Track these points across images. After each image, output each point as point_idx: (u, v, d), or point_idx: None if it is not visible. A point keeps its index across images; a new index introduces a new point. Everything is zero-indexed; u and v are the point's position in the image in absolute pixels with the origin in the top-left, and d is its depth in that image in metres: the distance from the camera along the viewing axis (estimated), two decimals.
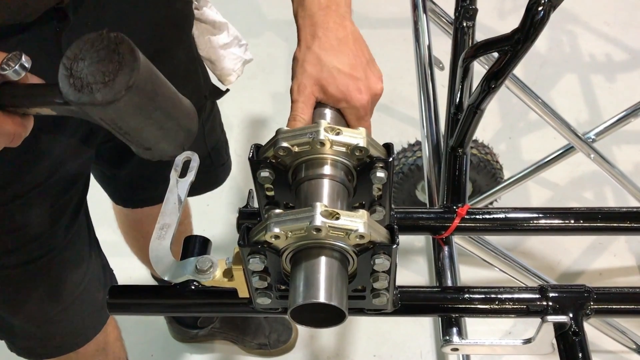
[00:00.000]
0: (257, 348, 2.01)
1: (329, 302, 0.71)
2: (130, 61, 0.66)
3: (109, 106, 0.66)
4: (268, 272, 0.78)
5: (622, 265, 2.21)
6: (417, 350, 2.04)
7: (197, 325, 2.01)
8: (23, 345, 1.34)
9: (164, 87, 0.72)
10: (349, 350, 2.04)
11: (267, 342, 2.00)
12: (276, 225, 0.72)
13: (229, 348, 2.05)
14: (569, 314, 0.86)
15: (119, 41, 0.67)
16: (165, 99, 0.72)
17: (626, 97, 2.52)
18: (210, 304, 0.90)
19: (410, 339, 2.06)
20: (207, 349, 2.06)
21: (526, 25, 0.87)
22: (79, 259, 1.22)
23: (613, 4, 3.08)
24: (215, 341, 2.06)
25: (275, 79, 2.77)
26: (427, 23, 1.52)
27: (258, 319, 2.01)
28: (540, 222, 1.00)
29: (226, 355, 2.05)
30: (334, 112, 0.90)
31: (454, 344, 0.91)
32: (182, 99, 0.76)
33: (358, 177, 0.82)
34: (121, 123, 0.70)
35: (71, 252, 1.19)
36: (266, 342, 2.00)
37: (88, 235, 1.25)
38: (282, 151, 0.79)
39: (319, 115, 0.90)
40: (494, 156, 2.03)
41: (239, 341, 2.03)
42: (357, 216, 0.73)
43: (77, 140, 1.09)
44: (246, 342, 2.02)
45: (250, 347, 2.02)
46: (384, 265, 0.75)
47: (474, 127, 1.04)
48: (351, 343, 2.05)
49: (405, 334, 2.07)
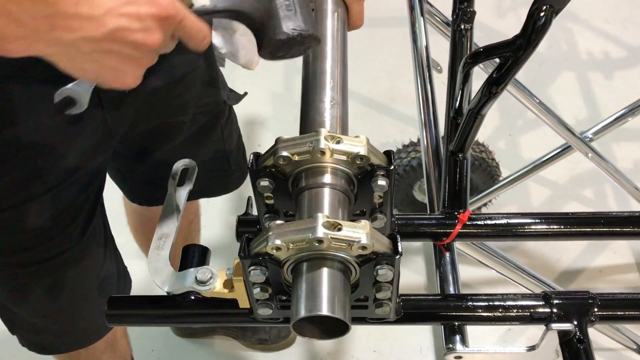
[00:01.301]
0: (258, 343, 2.01)
1: (332, 314, 0.70)
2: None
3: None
4: (269, 283, 0.77)
5: (622, 262, 2.21)
6: (417, 346, 2.04)
7: None
8: (35, 340, 1.34)
9: None
10: (349, 346, 2.03)
11: (268, 337, 2.00)
12: (277, 237, 0.71)
13: (229, 343, 2.05)
14: (573, 321, 0.85)
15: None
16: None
17: (625, 94, 2.52)
18: (211, 314, 0.89)
19: (410, 335, 2.06)
20: (208, 344, 2.06)
21: (528, 30, 0.86)
22: (93, 258, 1.22)
23: (612, 1, 3.07)
24: (216, 336, 2.06)
25: (274, 78, 2.75)
26: (424, 25, 1.51)
27: None
28: (542, 228, 0.99)
29: (227, 351, 2.05)
30: None
31: (457, 352, 0.91)
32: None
33: (359, 185, 0.81)
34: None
35: (86, 252, 1.19)
36: (266, 337, 2.00)
37: (104, 235, 1.25)
38: (282, 160, 0.78)
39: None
40: (489, 154, 2.02)
41: (240, 336, 2.02)
42: (359, 227, 0.72)
43: (95, 140, 1.09)
44: (247, 337, 2.01)
45: (251, 342, 2.02)
46: (387, 275, 0.74)
47: (474, 132, 1.03)
48: (351, 339, 2.05)
49: (405, 330, 2.06)
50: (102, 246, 1.25)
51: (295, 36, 0.78)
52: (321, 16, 0.94)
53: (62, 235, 1.13)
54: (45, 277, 1.17)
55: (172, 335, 2.07)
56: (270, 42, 0.79)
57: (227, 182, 1.53)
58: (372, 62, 2.75)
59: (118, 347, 1.54)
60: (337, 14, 0.95)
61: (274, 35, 0.78)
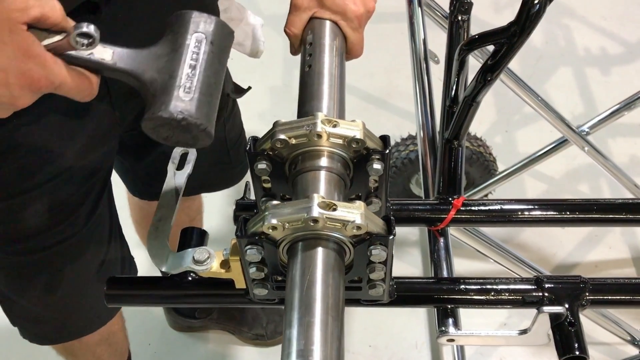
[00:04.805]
0: (254, 339, 2.02)
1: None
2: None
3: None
4: (265, 263, 0.78)
5: (618, 257, 2.22)
6: (412, 340, 2.05)
7: (195, 316, 2.02)
8: (36, 330, 1.34)
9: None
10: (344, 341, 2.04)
11: (264, 332, 2.00)
12: (273, 217, 0.73)
13: (226, 338, 2.06)
14: (564, 305, 0.86)
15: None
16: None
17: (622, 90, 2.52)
18: (208, 295, 0.90)
19: (406, 329, 2.07)
20: (204, 339, 2.07)
21: (522, 17, 0.87)
22: (96, 246, 1.23)
23: None
24: (213, 331, 2.07)
25: (273, 73, 2.76)
26: (422, 17, 1.53)
27: (255, 310, 2.02)
28: (536, 214, 1.00)
29: (223, 345, 2.06)
30: (331, 24, 0.96)
31: (449, 334, 0.92)
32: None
33: (354, 169, 0.82)
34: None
35: (89, 240, 1.20)
36: (263, 332, 2.00)
37: (109, 225, 1.26)
38: (279, 143, 0.79)
39: (318, 25, 0.96)
40: (487, 148, 2.04)
41: (236, 332, 2.03)
42: (354, 207, 0.73)
43: (102, 130, 1.09)
44: (243, 332, 2.02)
45: (247, 338, 2.02)
46: (381, 256, 0.75)
47: (469, 120, 1.04)
48: (347, 333, 2.06)
49: (401, 325, 2.08)
50: (107, 234, 1.25)
51: (178, 119, 0.73)
52: (319, 47, 0.95)
53: (64, 224, 1.13)
54: (46, 266, 1.18)
55: (169, 329, 2.08)
56: (153, 115, 0.74)
57: (228, 176, 1.54)
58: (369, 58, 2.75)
59: (114, 340, 1.54)
60: (335, 44, 0.96)
61: (158, 110, 0.74)
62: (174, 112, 0.73)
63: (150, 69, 0.76)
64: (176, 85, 0.75)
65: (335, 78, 0.92)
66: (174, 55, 0.76)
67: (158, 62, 0.76)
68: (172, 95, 0.74)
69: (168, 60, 0.76)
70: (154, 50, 0.77)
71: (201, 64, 0.76)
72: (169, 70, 0.76)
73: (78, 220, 1.15)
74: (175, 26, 0.78)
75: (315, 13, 0.96)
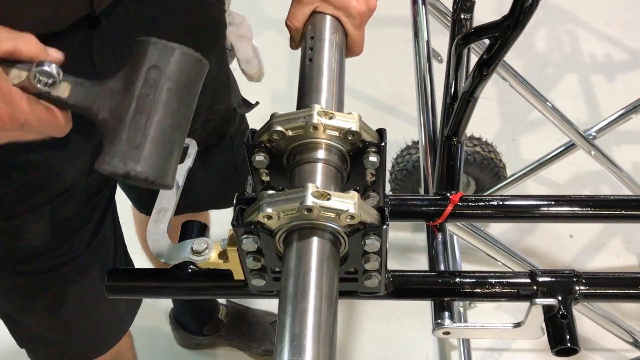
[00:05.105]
0: (264, 354, 2.00)
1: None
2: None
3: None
4: (262, 253, 0.79)
5: (625, 264, 2.22)
6: (422, 354, 2.04)
7: (203, 333, 2.00)
8: (43, 353, 1.33)
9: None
10: (354, 355, 2.04)
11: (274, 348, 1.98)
12: (268, 206, 0.74)
13: (235, 354, 2.04)
14: (557, 298, 0.87)
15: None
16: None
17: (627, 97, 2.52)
18: (207, 287, 0.91)
19: (416, 342, 2.07)
20: (213, 356, 2.06)
21: (516, 11, 0.88)
22: (101, 265, 1.20)
23: (614, 4, 3.09)
24: (221, 348, 2.05)
25: (277, 79, 2.78)
26: (426, 16, 1.54)
27: (264, 325, 2.00)
28: (534, 210, 1.01)
29: None
30: (333, 19, 0.97)
31: (445, 327, 0.93)
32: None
33: (351, 163, 0.83)
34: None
35: (93, 260, 1.18)
36: (273, 348, 1.98)
37: (114, 245, 1.24)
38: (276, 135, 0.80)
39: (320, 20, 0.97)
40: (497, 154, 2.04)
41: (245, 348, 2.01)
42: (347, 197, 0.74)
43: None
44: (252, 348, 2.00)
45: (257, 354, 2.00)
46: (375, 245, 0.76)
47: (468, 116, 1.05)
48: (357, 347, 2.05)
49: (411, 338, 2.07)
50: (112, 255, 1.23)
51: (121, 174, 0.68)
52: (320, 42, 0.96)
53: (67, 245, 1.12)
54: (50, 287, 1.16)
55: (177, 347, 2.06)
56: (98, 167, 0.70)
57: (235, 193, 1.52)
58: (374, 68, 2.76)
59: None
60: (336, 40, 0.98)
61: (102, 163, 0.69)
62: (116, 167, 0.68)
63: (104, 109, 0.71)
64: (122, 134, 0.69)
65: (335, 72, 0.93)
66: (125, 96, 0.70)
67: (112, 101, 0.71)
68: (117, 147, 0.69)
69: (120, 100, 0.70)
70: (111, 86, 0.71)
71: (154, 106, 0.69)
72: (119, 114, 0.70)
73: (82, 240, 1.14)
74: (134, 56, 0.71)
75: (318, 7, 0.97)
